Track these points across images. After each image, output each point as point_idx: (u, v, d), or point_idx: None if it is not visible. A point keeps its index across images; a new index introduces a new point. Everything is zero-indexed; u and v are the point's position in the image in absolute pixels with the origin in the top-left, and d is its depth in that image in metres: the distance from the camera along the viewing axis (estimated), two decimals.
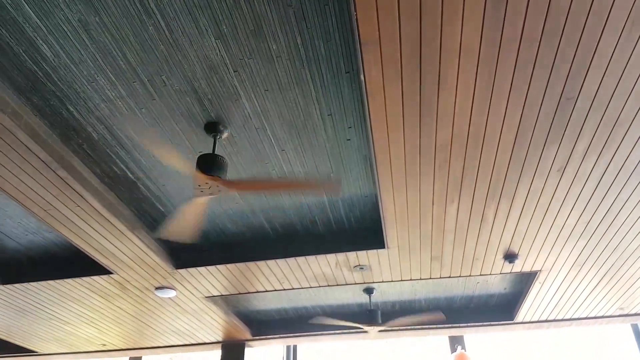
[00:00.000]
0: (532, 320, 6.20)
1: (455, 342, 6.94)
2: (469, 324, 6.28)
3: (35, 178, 3.31)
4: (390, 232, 4.05)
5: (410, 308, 6.35)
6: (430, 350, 7.44)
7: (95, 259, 4.43)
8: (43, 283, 4.88)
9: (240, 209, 4.19)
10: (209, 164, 2.97)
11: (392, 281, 5.04)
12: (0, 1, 2.39)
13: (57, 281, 4.83)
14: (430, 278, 4.97)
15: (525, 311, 5.87)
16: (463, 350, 6.71)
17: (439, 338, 6.91)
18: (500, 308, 6.30)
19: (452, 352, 6.82)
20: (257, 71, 2.80)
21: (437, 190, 3.50)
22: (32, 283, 4.89)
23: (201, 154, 3.09)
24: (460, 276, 4.93)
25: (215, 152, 3.15)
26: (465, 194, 3.53)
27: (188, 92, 2.95)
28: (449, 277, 4.94)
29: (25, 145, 3.01)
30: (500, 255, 4.49)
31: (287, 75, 2.84)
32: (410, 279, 4.99)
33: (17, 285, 4.95)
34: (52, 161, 3.15)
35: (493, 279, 5.53)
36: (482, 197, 3.57)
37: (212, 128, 3.21)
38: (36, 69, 2.77)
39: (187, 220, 3.32)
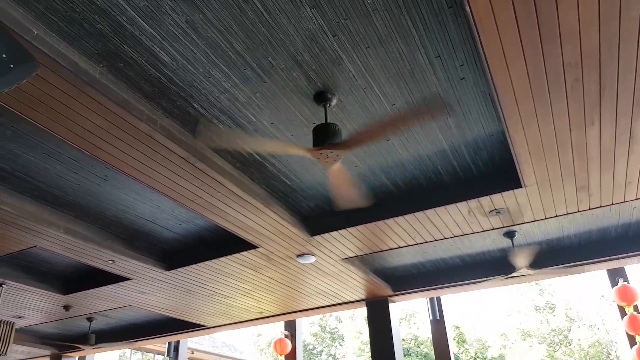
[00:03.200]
0: None
1: (616, 275, 6.39)
2: (629, 254, 5.71)
3: (178, 173, 3.68)
4: (526, 169, 3.80)
5: (559, 246, 5.96)
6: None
7: (241, 236, 4.84)
8: (201, 264, 5.48)
9: (360, 172, 4.24)
10: (321, 135, 3.03)
11: (535, 221, 4.76)
12: (118, 20, 2.64)
13: (213, 261, 5.37)
14: (578, 211, 4.59)
15: None
16: (626, 283, 6.16)
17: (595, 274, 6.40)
18: None
19: (613, 287, 6.30)
20: (355, 30, 2.77)
21: (572, 114, 3.18)
22: (192, 266, 5.52)
23: (315, 125, 3.16)
24: (612, 204, 4.48)
25: (328, 121, 3.20)
26: (606, 111, 3.17)
27: (294, 67, 3.02)
28: (600, 206, 4.52)
29: (165, 146, 3.36)
30: None
31: (386, 27, 2.76)
32: (556, 216, 4.66)
33: (180, 269, 5.62)
34: (189, 156, 3.48)
35: None
36: (627, 109, 3.17)
37: (321, 97, 3.26)
38: (159, 75, 3.03)
39: (342, 188, 3.45)
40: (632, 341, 6.02)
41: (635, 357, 5.87)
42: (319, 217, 4.96)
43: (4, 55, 1.90)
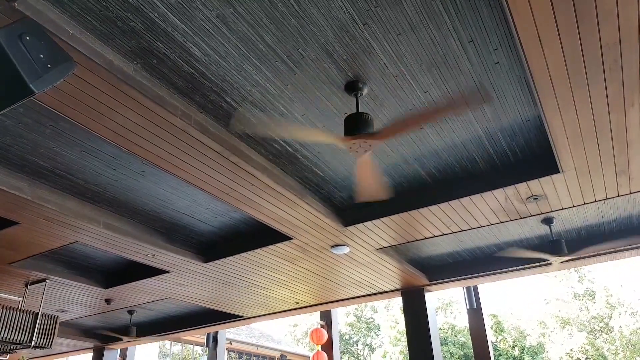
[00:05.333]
0: None
1: None
2: None
3: (213, 167, 3.74)
4: (564, 154, 3.70)
5: (598, 232, 5.78)
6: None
7: (276, 229, 4.89)
8: (237, 256, 5.57)
9: (393, 162, 4.21)
10: (353, 125, 3.02)
11: (573, 207, 4.63)
12: (150, 17, 2.69)
13: (249, 252, 5.46)
14: (618, 196, 4.44)
15: None
16: None
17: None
18: None
19: None
20: (386, 18, 2.73)
21: (611, 96, 3.07)
22: (229, 258, 5.62)
23: (346, 115, 3.15)
24: None
25: (359, 110, 3.18)
26: None
27: (324, 58, 3.01)
28: None
29: (199, 141, 3.41)
30: None
31: (417, 13, 2.71)
32: (595, 201, 4.52)
33: (217, 261, 5.73)
34: (223, 150, 3.53)
35: None
36: None
37: (352, 87, 3.25)
38: (192, 70, 3.08)
39: (367, 179, 3.45)
40: None
41: None
42: (352, 207, 4.95)
43: (41, 56, 1.97)
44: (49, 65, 2.00)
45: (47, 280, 6.23)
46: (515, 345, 21.92)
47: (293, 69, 3.11)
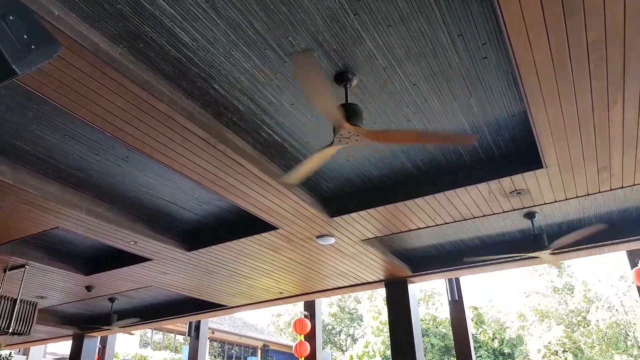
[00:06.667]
0: None
1: (636, 257, 6.32)
2: None
3: (199, 154, 3.71)
4: (548, 150, 3.75)
5: (579, 227, 5.89)
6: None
7: (261, 218, 4.88)
8: (221, 245, 5.55)
9: (381, 154, 4.22)
10: (351, 114, 3.02)
11: (555, 202, 4.70)
12: (138, 1, 2.64)
13: (233, 241, 5.44)
14: (599, 192, 4.52)
15: None
16: None
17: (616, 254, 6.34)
18: None
19: (632, 268, 6.22)
20: (376, 8, 2.73)
21: (595, 93, 3.12)
22: (212, 246, 5.59)
23: (341, 104, 3.14)
24: (634, 184, 4.40)
25: (348, 101, 3.18)
26: (630, 89, 3.09)
27: (314, 47, 2.99)
28: (621, 187, 4.44)
29: (185, 127, 3.38)
30: None
31: (408, 5, 2.71)
32: (577, 196, 4.60)
33: (201, 250, 5.70)
34: (210, 137, 3.50)
35: None
36: None
37: (342, 78, 3.24)
38: (179, 55, 3.04)
39: (308, 167, 3.40)
40: None
41: None
42: (338, 198, 4.96)
43: (25, 37, 1.93)
44: (32, 47, 1.96)
45: (26, 266, 6.14)
46: (495, 338, 22.30)
47: (282, 57, 3.09)
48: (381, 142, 3.20)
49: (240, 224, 5.42)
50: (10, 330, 6.02)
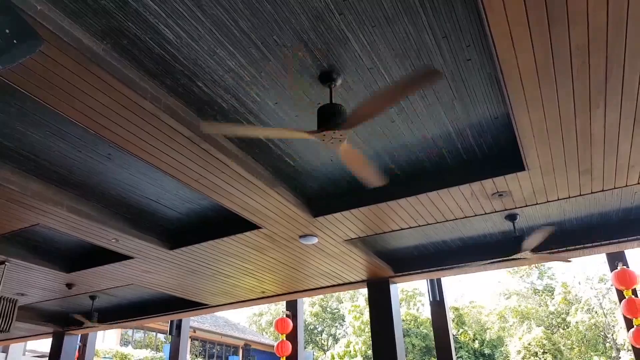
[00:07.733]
0: None
1: (615, 259, 6.42)
2: (629, 238, 5.73)
3: (183, 153, 3.68)
4: (530, 152, 3.80)
5: (560, 229, 5.98)
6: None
7: (244, 217, 4.86)
8: (204, 244, 5.51)
9: (365, 155, 4.23)
10: (326, 116, 3.01)
11: (536, 204, 4.77)
12: None
13: (216, 240, 5.41)
14: (580, 195, 4.60)
15: None
16: (625, 267, 6.19)
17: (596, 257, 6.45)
18: None
19: (612, 270, 6.34)
20: (362, 9, 2.74)
21: (578, 97, 3.17)
22: (195, 245, 5.55)
23: (319, 106, 3.14)
24: (614, 188, 4.49)
25: (333, 102, 3.18)
26: (612, 94, 3.15)
27: (299, 46, 2.99)
28: (602, 190, 4.52)
29: (169, 125, 3.35)
30: None
31: (393, 6, 2.73)
32: (558, 199, 4.67)
33: (183, 248, 5.66)
34: (194, 135, 3.47)
35: None
36: (633, 93, 3.15)
37: (327, 77, 3.24)
38: (163, 52, 3.01)
39: (356, 167, 3.43)
40: (629, 324, 6.08)
41: (632, 340, 5.94)
42: (322, 198, 4.97)
43: (7, 31, 1.89)
44: (14, 41, 1.93)
45: (6, 263, 6.03)
46: (476, 339, 22.54)
47: (267, 56, 3.08)
48: (362, 121, 3.00)
49: (224, 224, 5.39)
50: None
